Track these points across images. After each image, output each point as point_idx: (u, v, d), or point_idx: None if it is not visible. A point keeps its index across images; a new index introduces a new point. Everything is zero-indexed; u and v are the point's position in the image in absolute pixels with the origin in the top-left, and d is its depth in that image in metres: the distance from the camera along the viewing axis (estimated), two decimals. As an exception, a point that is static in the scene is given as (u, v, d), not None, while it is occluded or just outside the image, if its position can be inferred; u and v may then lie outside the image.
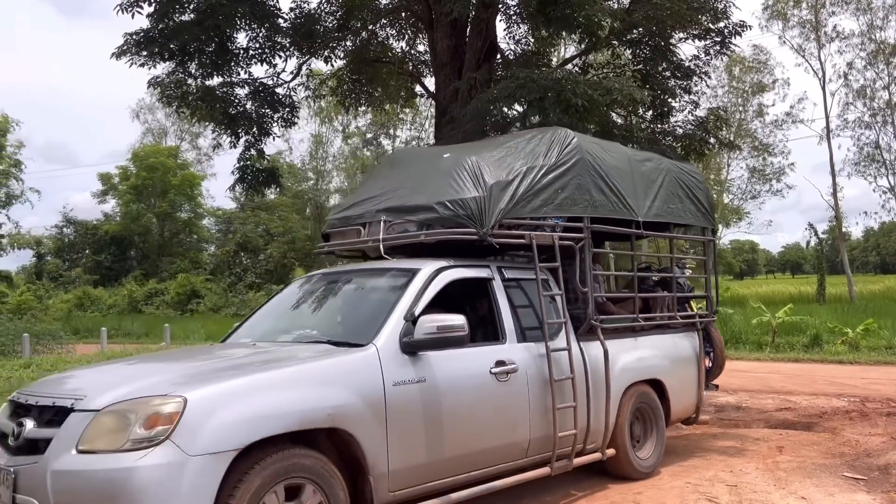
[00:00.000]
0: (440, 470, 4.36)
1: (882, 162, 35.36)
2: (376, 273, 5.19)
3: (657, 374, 6.23)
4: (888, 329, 18.67)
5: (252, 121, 11.51)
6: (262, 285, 38.86)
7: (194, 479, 3.31)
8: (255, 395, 3.65)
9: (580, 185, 5.71)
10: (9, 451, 3.72)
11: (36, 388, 4.06)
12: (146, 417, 3.39)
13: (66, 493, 3.33)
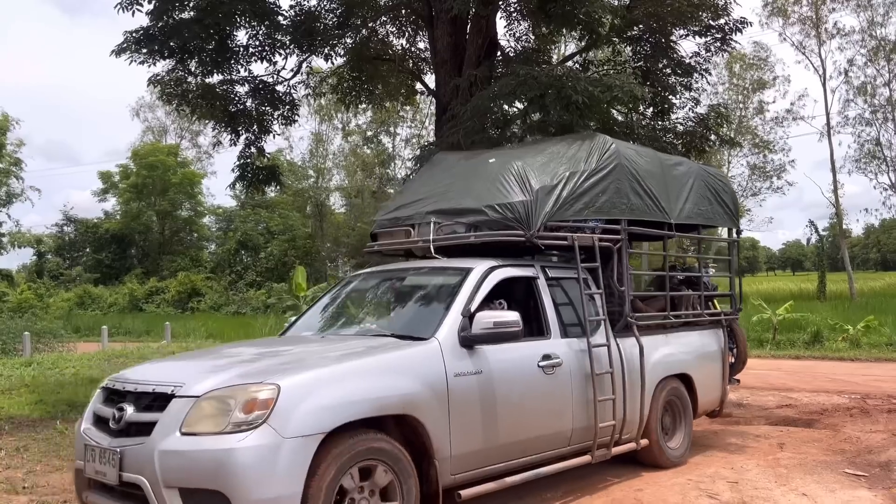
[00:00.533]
0: (494, 455, 4.67)
1: (883, 159, 35.33)
2: (430, 271, 5.47)
3: (686, 368, 6.53)
4: (889, 326, 18.66)
5: (252, 118, 11.52)
6: (263, 283, 38.85)
7: (288, 459, 3.64)
8: (337, 383, 3.99)
9: (618, 189, 5.99)
10: (111, 433, 4.02)
11: (129, 377, 4.32)
12: (245, 403, 3.70)
13: (172, 470, 3.65)
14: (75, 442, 4.41)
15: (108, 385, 4.39)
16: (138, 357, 13.91)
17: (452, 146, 8.74)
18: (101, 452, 3.98)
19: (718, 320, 7.20)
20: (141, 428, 3.89)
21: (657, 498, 5.26)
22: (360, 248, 39.90)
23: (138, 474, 3.74)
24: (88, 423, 4.30)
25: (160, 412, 3.83)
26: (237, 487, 3.56)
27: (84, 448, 4.12)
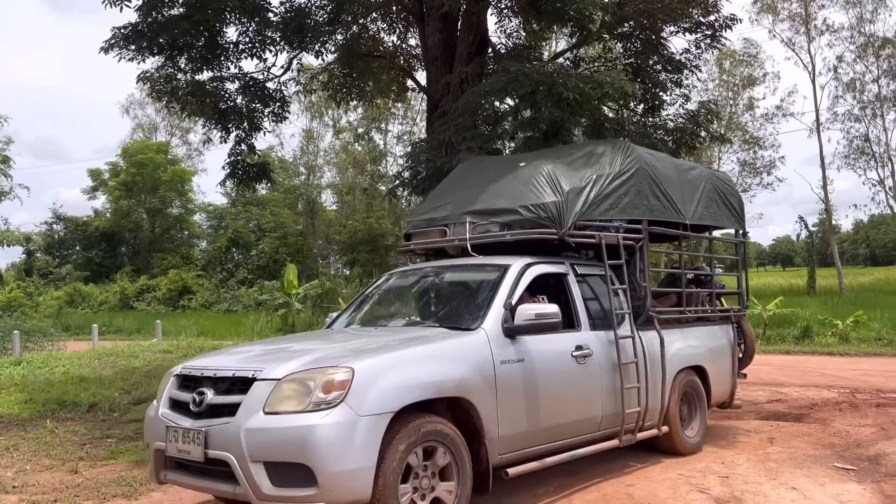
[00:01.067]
0: (535, 438, 5.04)
1: (871, 155, 35.55)
2: (470, 268, 5.86)
3: (701, 361, 6.88)
4: (878, 321, 18.78)
5: (242, 115, 11.48)
6: (254, 281, 38.74)
7: (364, 435, 3.99)
8: (402, 367, 4.35)
9: (639, 192, 6.39)
10: (191, 415, 4.32)
11: (205, 365, 4.61)
12: (324, 384, 4.03)
13: (258, 446, 3.97)
14: (148, 426, 4.69)
15: (181, 373, 4.68)
16: (129, 355, 13.85)
17: (443, 143, 8.75)
18: (185, 433, 4.26)
19: (728, 316, 7.57)
20: (223, 409, 4.20)
21: (648, 493, 5.28)
22: (351, 245, 39.90)
23: (224, 451, 4.05)
24: (165, 408, 4.57)
25: (243, 395, 4.14)
26: (320, 460, 3.89)
27: (166, 430, 4.38)
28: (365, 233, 39.16)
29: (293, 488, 3.94)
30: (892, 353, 15.81)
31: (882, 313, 19.55)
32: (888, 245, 69.38)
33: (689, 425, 6.75)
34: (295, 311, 23.43)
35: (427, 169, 8.62)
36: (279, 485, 3.96)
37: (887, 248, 72.08)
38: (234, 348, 5.52)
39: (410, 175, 9.06)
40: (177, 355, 14.34)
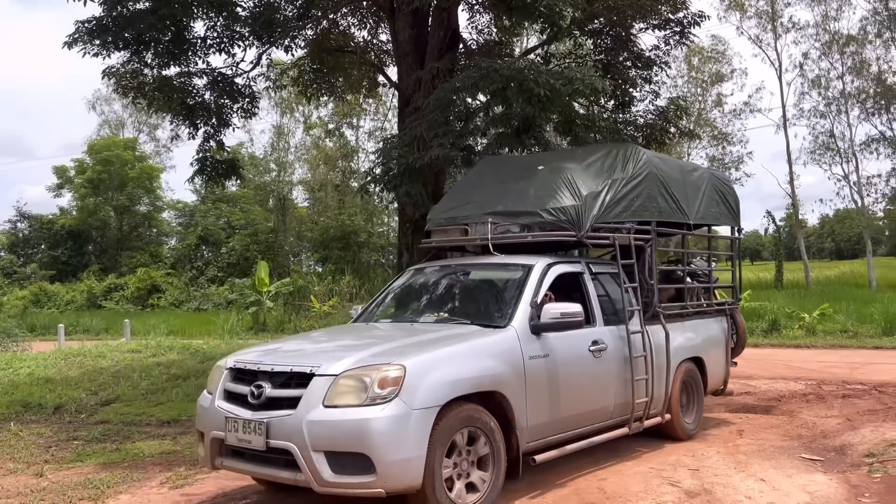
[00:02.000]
0: (557, 426, 5.43)
1: (836, 150, 36.14)
2: (494, 267, 6.17)
3: (699, 352, 7.33)
4: (843, 313, 19.15)
5: (211, 111, 11.33)
6: (225, 279, 38.30)
7: (416, 426, 4.35)
8: (447, 364, 4.71)
9: (650, 194, 6.79)
10: (250, 407, 4.60)
11: (261, 360, 4.89)
12: (380, 380, 4.37)
13: (319, 437, 4.30)
14: (203, 415, 5.00)
15: (235, 366, 4.96)
16: (96, 355, 13.61)
17: (415, 139, 8.71)
18: (245, 423, 4.55)
19: (723, 309, 8.00)
20: (282, 402, 4.51)
21: (620, 486, 5.31)
22: (323, 242, 39.64)
23: (287, 441, 4.36)
24: (221, 399, 4.87)
25: (302, 389, 4.47)
26: (379, 450, 4.24)
27: (225, 420, 4.67)
28: (337, 230, 38.90)
29: (353, 476, 4.29)
30: (856, 345, 16.13)
31: (847, 306, 19.93)
32: (853, 239, 70.79)
33: (687, 413, 7.14)
34: (266, 309, 23.22)
35: (399, 165, 8.57)
36: (339, 472, 4.30)
37: (852, 242, 73.53)
38: (281, 344, 5.76)
39: (382, 171, 9.01)
40: (145, 355, 14.11)
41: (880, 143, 35.00)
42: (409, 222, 10.68)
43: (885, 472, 5.58)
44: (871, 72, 35.01)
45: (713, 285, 8.03)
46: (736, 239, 8.55)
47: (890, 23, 34.22)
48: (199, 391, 9.88)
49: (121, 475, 5.88)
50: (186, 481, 5.66)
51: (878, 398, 9.57)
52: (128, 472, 5.97)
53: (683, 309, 7.20)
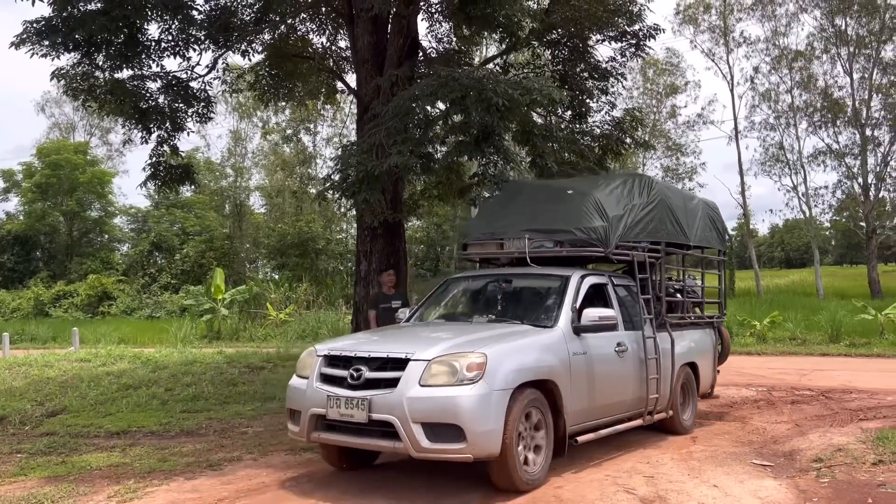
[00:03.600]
0: (592, 414, 6.30)
1: (786, 162, 37.13)
2: (535, 276, 7.08)
3: (694, 358, 8.23)
4: (792, 321, 19.64)
5: (165, 115, 11.10)
6: (179, 286, 37.54)
7: (496, 404, 5.23)
8: (516, 355, 5.62)
9: (661, 219, 7.78)
10: (348, 387, 5.41)
11: (357, 347, 5.71)
12: (467, 365, 5.24)
13: (418, 410, 5.13)
14: (300, 395, 5.72)
15: (329, 354, 5.75)
16: (43, 364, 13.19)
17: (374, 146, 8.67)
18: (347, 400, 5.35)
19: (711, 322, 8.97)
20: (380, 383, 5.32)
21: (576, 494, 5.33)
22: (280, 249, 39.18)
23: (388, 414, 5.16)
24: (318, 381, 5.63)
25: (399, 371, 5.28)
26: (469, 421, 5.10)
27: (326, 398, 5.45)
28: (295, 236, 38.49)
29: (446, 443, 5.12)
30: (805, 352, 16.55)
31: (796, 314, 20.45)
32: (801, 248, 72.69)
33: (685, 410, 8.00)
34: (221, 317, 22.83)
35: (357, 172, 8.50)
36: (434, 440, 5.12)
37: (801, 252, 75.45)
38: (363, 336, 6.70)
39: (340, 178, 8.92)
40: (95, 364, 13.73)
41: (827, 155, 36.08)
42: (367, 229, 10.62)
43: (833, 477, 5.72)
44: (818, 86, 36.10)
45: (703, 300, 8.99)
46: (722, 260, 9.54)
47: (836, 39, 35.36)
48: (152, 401, 9.72)
49: (66, 489, 5.69)
50: (136, 494, 5.50)
51: (825, 404, 9.82)
52: (73, 486, 5.77)
53: (682, 320, 8.14)
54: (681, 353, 7.77)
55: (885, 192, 35.37)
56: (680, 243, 8.27)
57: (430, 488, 5.54)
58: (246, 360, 13.47)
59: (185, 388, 10.55)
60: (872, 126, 34.71)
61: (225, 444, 7.30)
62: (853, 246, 61.64)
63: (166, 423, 8.39)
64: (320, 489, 5.61)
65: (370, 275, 10.51)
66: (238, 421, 8.52)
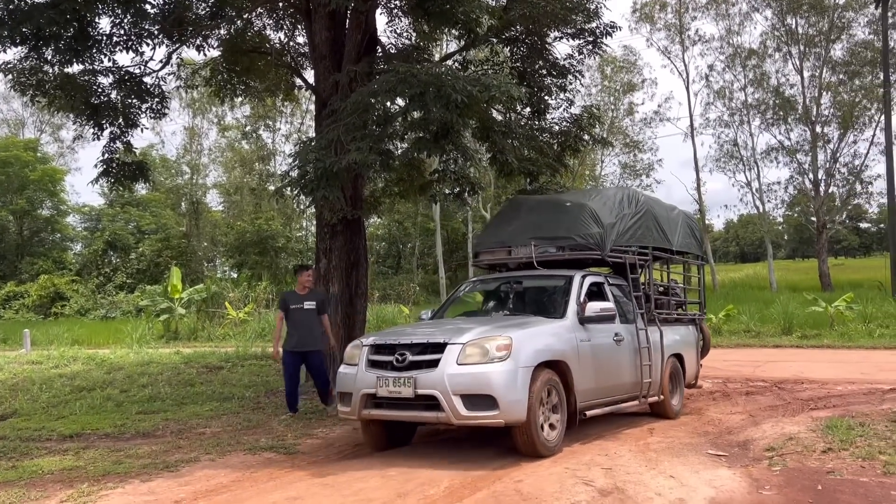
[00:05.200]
0: (596, 393, 7.19)
1: (740, 158, 37.93)
2: (544, 277, 8.09)
3: (681, 350, 9.07)
4: (746, 314, 20.09)
5: (117, 111, 10.85)
6: (135, 286, 36.80)
7: (521, 378, 6.18)
8: (535, 338, 6.60)
9: (647, 226, 8.86)
10: (394, 369, 6.34)
11: (398, 338, 6.63)
12: (497, 346, 6.19)
13: (457, 385, 6.07)
14: (351, 380, 6.57)
15: (374, 343, 6.69)
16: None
17: (332, 142, 8.61)
18: (395, 379, 6.26)
19: (694, 319, 9.90)
20: (421, 364, 6.25)
21: (536, 488, 5.37)
22: (239, 247, 38.70)
23: (432, 389, 6.09)
24: (366, 367, 6.53)
25: (439, 354, 6.21)
26: (500, 392, 6.04)
27: (376, 379, 6.35)
28: (253, 234, 38.07)
29: (481, 411, 6.05)
30: (759, 344, 16.95)
31: (750, 307, 20.93)
32: (755, 243, 74.34)
33: (674, 396, 8.77)
34: (178, 316, 22.46)
35: (316, 169, 8.42)
36: (471, 409, 6.05)
37: (755, 246, 77.18)
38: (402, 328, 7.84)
39: (298, 175, 8.83)
40: (47, 366, 13.41)
41: (779, 152, 36.97)
42: (327, 227, 10.54)
43: (784, 465, 5.86)
44: (771, 84, 36.95)
45: (685, 300, 9.97)
46: (701, 264, 10.60)
47: (787, 38, 36.19)
48: (107, 403, 9.54)
49: (17, 494, 5.53)
50: (89, 498, 5.37)
51: (777, 394, 10.07)
52: (24, 491, 5.62)
53: (669, 315, 9.05)
54: (668, 344, 8.62)
55: (834, 187, 36.42)
56: (665, 248, 9.28)
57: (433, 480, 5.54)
58: (204, 360, 13.28)
59: (141, 390, 10.37)
60: (822, 123, 35.66)
61: (182, 445, 7.18)
62: (805, 240, 63.27)
63: (121, 424, 8.22)
64: (280, 489, 5.56)
65: (330, 272, 10.44)
66: (196, 422, 8.40)
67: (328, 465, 6.40)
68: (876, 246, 75.94)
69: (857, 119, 34.74)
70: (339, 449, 7.14)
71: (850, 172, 35.90)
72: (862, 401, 9.04)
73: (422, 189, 11.81)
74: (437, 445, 7.13)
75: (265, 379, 11.59)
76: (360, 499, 5.18)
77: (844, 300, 19.51)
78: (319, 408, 8.94)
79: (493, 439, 7.07)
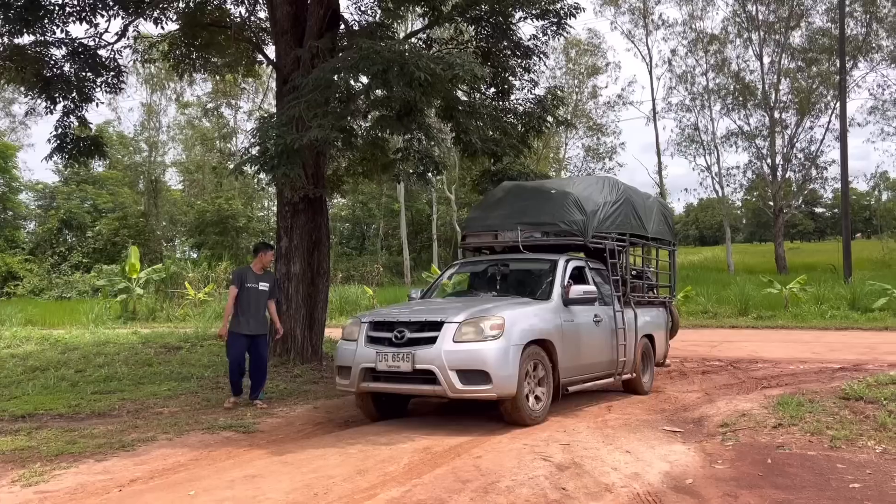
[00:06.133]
0: (577, 371, 7.64)
1: (700, 143, 38.48)
2: (530, 261, 8.51)
3: (652, 331, 9.53)
4: (704, 296, 20.48)
5: (71, 84, 10.54)
6: (91, 265, 36.04)
7: (512, 355, 6.63)
8: (525, 319, 7.01)
9: (626, 214, 9.26)
10: (392, 345, 6.75)
11: (397, 317, 7.02)
12: (490, 325, 6.63)
13: (453, 360, 6.50)
14: (350, 354, 6.96)
15: (373, 320, 7.08)
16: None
17: (293, 119, 8.48)
18: (394, 354, 6.67)
19: (664, 301, 10.37)
20: (419, 341, 6.66)
21: (495, 464, 5.42)
22: (199, 226, 38.09)
23: (430, 364, 6.51)
24: (365, 342, 6.93)
25: (436, 331, 6.63)
26: (493, 367, 6.50)
27: (375, 354, 6.77)
28: (214, 214, 37.49)
29: (475, 385, 6.51)
30: (716, 325, 17.31)
31: (708, 289, 21.34)
32: (714, 226, 75.54)
33: (645, 374, 9.19)
34: (136, 296, 22.07)
35: (276, 146, 8.29)
36: (466, 383, 6.50)
37: (714, 229, 78.43)
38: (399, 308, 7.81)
39: (259, 152, 8.69)
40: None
41: (738, 136, 37.58)
42: (288, 205, 10.42)
43: (737, 441, 6.01)
44: (732, 70, 37.47)
45: (656, 284, 10.42)
46: (673, 250, 11.05)
47: (748, 24, 36.66)
48: (61, 383, 9.34)
49: (-34, 475, 5.40)
50: (42, 478, 5.27)
51: (732, 373, 10.31)
52: (-26, 472, 5.49)
53: (642, 298, 9.52)
54: (641, 325, 9.05)
55: (791, 172, 37.20)
56: (641, 235, 9.66)
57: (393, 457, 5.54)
58: (162, 340, 13.08)
59: (97, 370, 10.17)
60: (780, 109, 36.32)
61: (139, 424, 7.07)
62: (762, 224, 64.55)
63: (76, 405, 8.06)
64: (238, 467, 5.53)
65: (292, 251, 10.35)
66: (153, 401, 8.27)
67: (288, 443, 6.38)
68: (830, 230, 77.89)
69: (813, 105, 35.46)
70: (299, 428, 7.12)
71: (806, 158, 36.70)
72: (812, 379, 9.31)
73: (385, 168, 11.74)
74: (399, 424, 7.15)
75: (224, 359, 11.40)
76: (319, 476, 5.17)
77: (798, 282, 20.01)
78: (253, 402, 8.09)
79: (458, 416, 7.11)
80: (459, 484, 4.91)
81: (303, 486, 4.91)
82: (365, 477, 5.14)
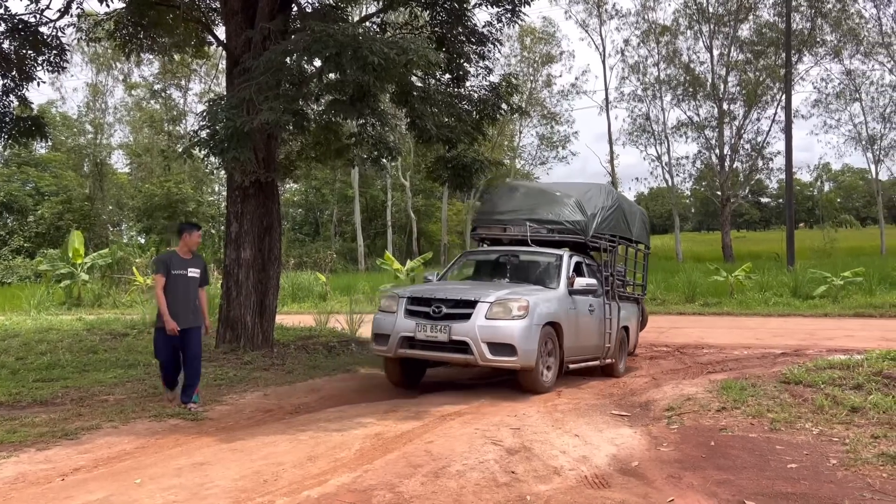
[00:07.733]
0: (575, 351, 8.64)
1: (651, 133, 39.09)
2: (535, 253, 9.45)
3: (628, 322, 10.48)
4: (652, 283, 20.85)
5: (10, 62, 10.15)
6: (34, 250, 34.92)
7: (534, 332, 7.71)
8: (542, 303, 8.00)
9: (618, 218, 10.45)
10: (430, 318, 7.77)
11: (434, 293, 8.00)
12: (518, 306, 7.68)
13: (485, 334, 7.54)
14: (387, 324, 8.02)
15: (411, 296, 8.14)
16: None
17: (244, 101, 8.32)
18: (433, 326, 7.72)
19: (637, 298, 11.42)
20: (455, 316, 7.70)
21: (446, 448, 5.45)
22: (147, 211, 37.22)
23: (464, 336, 7.55)
24: (404, 314, 7.97)
25: (470, 308, 7.69)
26: (519, 342, 7.56)
27: (415, 325, 7.81)
28: (163, 198, 36.67)
29: (503, 356, 7.57)
30: (664, 312, 17.68)
31: (656, 276, 21.74)
32: (664, 215, 76.95)
33: (620, 360, 9.98)
34: (81, 282, 21.48)
35: (226, 128, 8.12)
36: (494, 354, 7.55)
37: (664, 218, 79.89)
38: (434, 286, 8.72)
39: (208, 134, 8.50)
40: (-66, 334, 12.57)
41: (688, 127, 38.29)
42: (238, 189, 10.25)
43: (682, 424, 6.17)
44: (682, 61, 38.09)
45: (630, 282, 11.27)
46: (647, 252, 12.42)
47: (698, 16, 37.28)
48: (1, 370, 9.02)
49: None
50: (-21, 469, 5.11)
51: (679, 359, 10.57)
52: None
53: (623, 293, 10.43)
54: (621, 317, 10.02)
55: (738, 163, 38.09)
56: (627, 238, 10.83)
57: (302, 449, 5.50)
58: (108, 326, 12.77)
59: (39, 357, 9.88)
60: (729, 100, 37.13)
61: (83, 412, 6.90)
62: (710, 213, 66.05)
63: (16, 393, 7.81)
64: (186, 454, 5.45)
65: (242, 237, 10.19)
66: (98, 389, 8.08)
67: (237, 430, 6.30)
68: (775, 220, 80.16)
69: (760, 97, 36.32)
70: (249, 415, 7.04)
71: (752, 149, 37.62)
72: (756, 364, 9.59)
73: (339, 153, 11.61)
74: (351, 410, 7.13)
75: (173, 346, 11.23)
76: (269, 463, 5.13)
77: (744, 270, 20.55)
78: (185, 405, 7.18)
79: (410, 403, 7.10)
80: (410, 469, 4.93)
81: (252, 473, 4.87)
82: (315, 463, 5.12)
